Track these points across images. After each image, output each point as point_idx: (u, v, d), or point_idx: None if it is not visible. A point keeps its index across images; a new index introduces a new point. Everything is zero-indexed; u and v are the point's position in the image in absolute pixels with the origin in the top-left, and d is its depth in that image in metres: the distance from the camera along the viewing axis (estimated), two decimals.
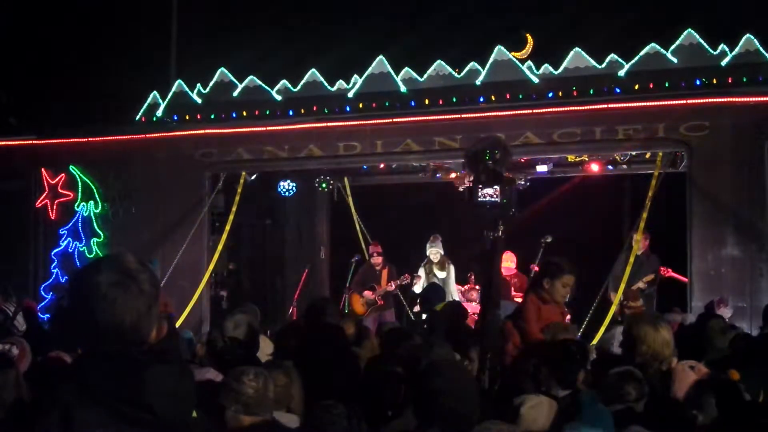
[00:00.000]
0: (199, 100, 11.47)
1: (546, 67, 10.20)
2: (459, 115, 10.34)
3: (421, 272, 11.24)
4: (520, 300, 7.95)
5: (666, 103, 9.65)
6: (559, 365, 4.53)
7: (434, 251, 11.18)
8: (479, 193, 4.90)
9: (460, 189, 11.66)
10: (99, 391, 1.84)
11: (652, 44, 9.78)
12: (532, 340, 5.64)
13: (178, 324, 9.55)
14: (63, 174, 11.95)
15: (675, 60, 9.71)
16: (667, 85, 9.65)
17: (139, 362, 1.86)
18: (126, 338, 1.94)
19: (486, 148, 5.03)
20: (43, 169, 12.08)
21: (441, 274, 11.02)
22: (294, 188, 12.72)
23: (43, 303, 11.51)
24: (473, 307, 10.16)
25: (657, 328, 4.80)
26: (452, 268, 11.13)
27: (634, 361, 4.60)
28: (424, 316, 9.38)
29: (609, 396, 4.12)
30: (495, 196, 4.87)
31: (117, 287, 1.95)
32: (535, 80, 10.14)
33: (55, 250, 11.99)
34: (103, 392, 1.83)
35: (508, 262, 10.96)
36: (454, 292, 10.99)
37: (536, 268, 10.09)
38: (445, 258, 11.21)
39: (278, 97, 11.10)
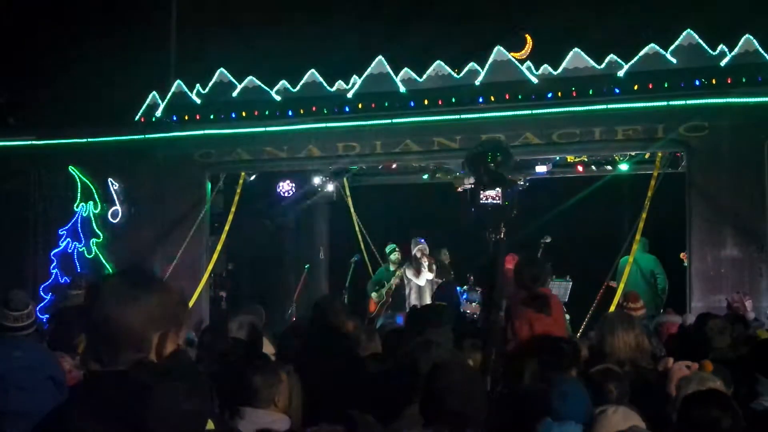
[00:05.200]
0: (199, 101, 11.45)
1: (545, 68, 10.19)
2: (458, 116, 10.35)
3: (409, 273, 11.16)
4: None
5: (665, 103, 9.66)
6: (549, 362, 4.55)
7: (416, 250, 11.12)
8: (481, 195, 4.89)
9: (459, 190, 11.66)
10: (104, 415, 1.83)
11: (652, 45, 9.77)
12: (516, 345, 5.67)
13: None
14: (62, 174, 11.93)
15: (674, 60, 9.70)
16: (666, 85, 9.63)
17: (142, 384, 1.85)
18: (138, 346, 1.94)
19: (488, 150, 5.02)
20: (42, 170, 12.06)
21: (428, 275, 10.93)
22: (293, 188, 12.73)
23: (42, 304, 11.49)
24: (473, 308, 10.17)
25: (613, 331, 4.83)
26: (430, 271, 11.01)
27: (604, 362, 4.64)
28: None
29: (592, 396, 4.11)
30: (497, 198, 4.86)
31: (134, 289, 1.97)
32: (535, 80, 10.13)
33: (54, 251, 11.98)
34: (108, 416, 1.82)
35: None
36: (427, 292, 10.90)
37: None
38: (430, 258, 11.10)
39: (278, 98, 11.08)
